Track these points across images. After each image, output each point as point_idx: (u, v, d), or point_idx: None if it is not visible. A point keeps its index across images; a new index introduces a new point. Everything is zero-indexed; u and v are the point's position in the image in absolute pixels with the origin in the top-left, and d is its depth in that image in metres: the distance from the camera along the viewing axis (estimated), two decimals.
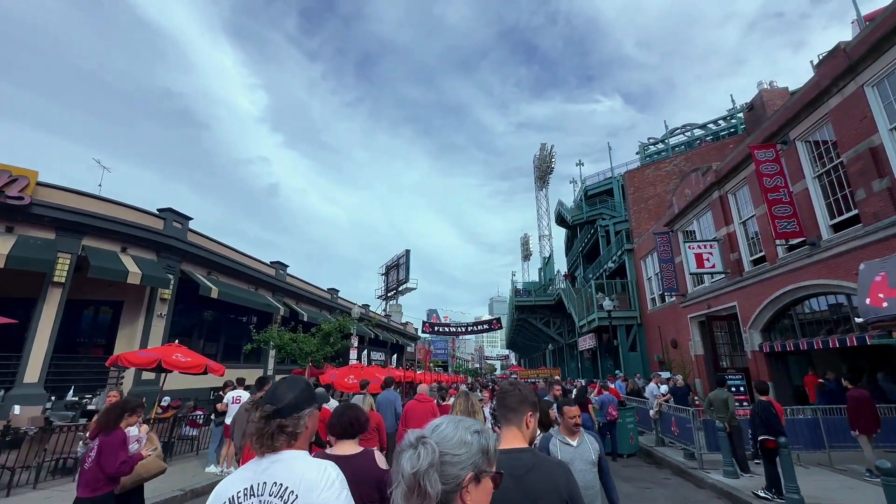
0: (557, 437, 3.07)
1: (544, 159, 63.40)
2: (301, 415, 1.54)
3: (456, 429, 1.11)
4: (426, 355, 42.52)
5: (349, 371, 11.13)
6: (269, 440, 1.47)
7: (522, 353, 76.29)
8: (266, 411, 1.50)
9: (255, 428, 1.49)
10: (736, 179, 14.29)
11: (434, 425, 1.13)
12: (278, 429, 1.48)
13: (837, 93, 9.94)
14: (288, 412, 1.51)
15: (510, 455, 1.66)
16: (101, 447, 3.44)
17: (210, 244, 15.00)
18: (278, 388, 1.59)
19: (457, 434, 1.10)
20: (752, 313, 13.49)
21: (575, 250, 41.11)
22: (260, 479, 1.42)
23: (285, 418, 1.50)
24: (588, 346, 30.21)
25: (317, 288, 23.34)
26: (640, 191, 25.45)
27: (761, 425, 6.22)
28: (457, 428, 1.12)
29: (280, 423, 1.49)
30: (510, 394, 1.90)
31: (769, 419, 6.12)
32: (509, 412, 1.85)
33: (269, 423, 1.48)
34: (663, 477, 8.28)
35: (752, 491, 6.47)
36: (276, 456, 1.47)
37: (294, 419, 1.52)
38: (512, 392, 1.91)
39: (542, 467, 1.66)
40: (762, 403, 6.30)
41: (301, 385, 1.62)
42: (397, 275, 47.75)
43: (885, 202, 8.84)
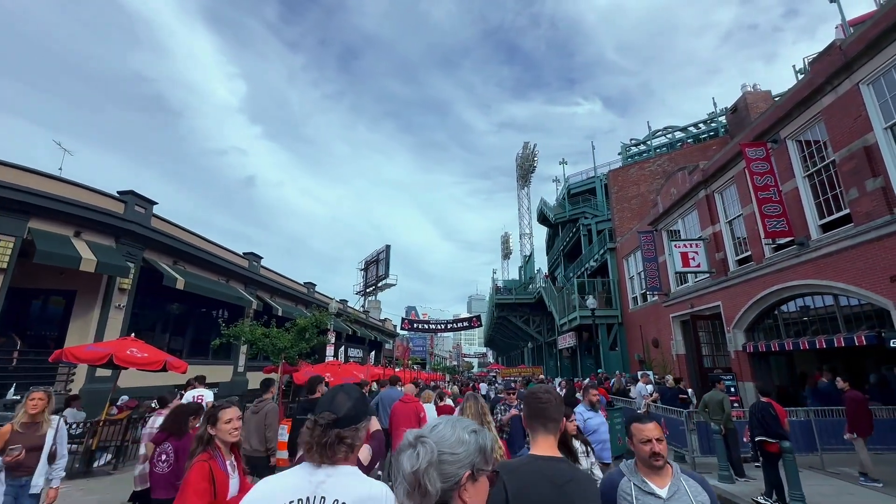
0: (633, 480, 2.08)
1: (527, 158, 63.43)
2: (360, 426, 1.50)
3: (454, 428, 1.13)
4: (404, 352, 41.87)
5: (325, 369, 10.45)
6: (329, 451, 1.40)
7: (500, 351, 76.46)
8: (326, 419, 1.44)
9: (312, 436, 1.42)
10: (723, 179, 14.20)
11: (432, 425, 1.15)
12: (338, 440, 1.42)
13: (831, 91, 9.83)
14: (347, 423, 1.46)
15: (550, 463, 1.65)
16: (178, 451, 3.61)
17: (177, 231, 14.00)
18: (336, 396, 1.53)
19: (455, 433, 1.11)
20: (736, 313, 13.43)
21: (556, 249, 41.14)
22: (316, 492, 1.35)
23: (344, 429, 1.45)
24: (568, 345, 30.19)
25: (293, 281, 22.40)
26: (623, 190, 25.44)
27: (759, 427, 5.92)
28: (454, 427, 1.13)
29: (339, 434, 1.43)
30: (550, 404, 1.82)
31: (767, 421, 5.82)
32: (550, 422, 1.78)
33: (328, 433, 1.42)
34: None
35: (753, 498, 6.17)
36: (334, 469, 1.40)
37: (353, 430, 1.47)
38: (551, 401, 1.83)
39: (580, 480, 1.64)
40: (761, 404, 6.00)
41: (357, 394, 1.57)
42: (377, 270, 46.86)
43: (878, 202, 8.73)
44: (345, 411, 1.47)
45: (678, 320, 17.43)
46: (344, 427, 1.45)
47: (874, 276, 8.86)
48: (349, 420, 1.47)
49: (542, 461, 1.65)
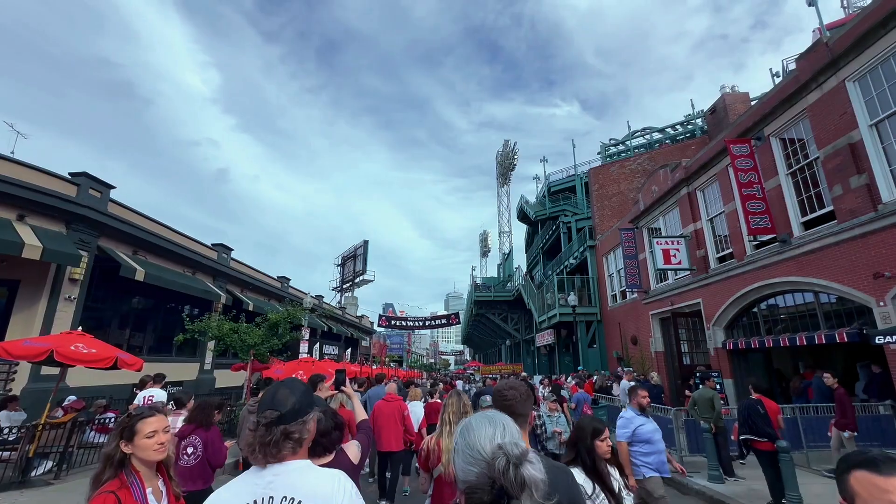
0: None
1: (507, 156, 63.50)
2: (306, 419, 1.45)
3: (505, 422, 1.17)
4: (381, 350, 41.14)
5: (298, 366, 9.81)
6: (273, 449, 1.35)
7: (477, 348, 76.49)
8: (268, 417, 1.38)
9: (255, 436, 1.37)
10: (706, 176, 14.20)
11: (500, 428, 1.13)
12: (283, 436, 1.37)
13: (817, 88, 9.81)
14: (292, 417, 1.41)
15: None
16: (207, 442, 3.65)
17: (137, 218, 12.99)
18: (278, 391, 1.48)
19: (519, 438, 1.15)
20: (716, 310, 13.45)
21: (535, 247, 41.18)
22: (265, 493, 1.31)
23: (290, 424, 1.39)
24: (546, 342, 30.17)
25: (265, 275, 21.44)
26: (604, 188, 25.49)
27: (745, 424, 5.69)
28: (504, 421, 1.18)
29: (285, 430, 1.38)
30: (516, 400, 1.83)
31: (754, 418, 5.59)
32: (518, 417, 1.74)
33: (272, 431, 1.36)
34: None
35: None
36: (281, 467, 1.36)
37: (299, 424, 1.42)
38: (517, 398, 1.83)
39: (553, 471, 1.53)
40: (750, 401, 5.79)
41: (301, 388, 1.54)
42: (354, 266, 45.90)
43: (862, 199, 8.73)
44: (289, 406, 1.42)
45: (657, 318, 17.46)
46: (289, 422, 1.39)
47: (857, 272, 8.87)
48: (294, 414, 1.41)
49: None
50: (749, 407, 5.66)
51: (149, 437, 1.89)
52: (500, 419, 1.19)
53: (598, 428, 2.61)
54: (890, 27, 8.19)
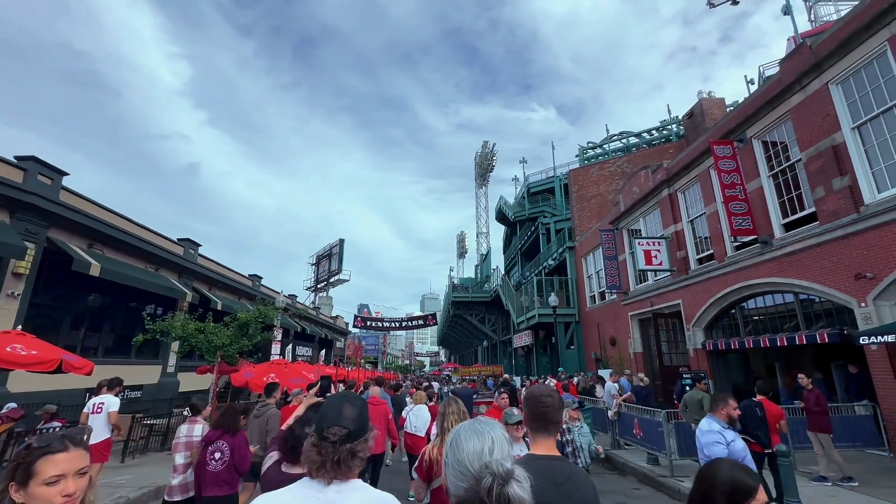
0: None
1: (485, 157, 63.53)
2: (367, 437, 1.44)
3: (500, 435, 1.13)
4: (357, 351, 40.23)
5: (270, 368, 9.16)
6: (343, 466, 1.32)
7: (453, 350, 76.21)
8: (337, 434, 1.35)
9: (322, 453, 1.32)
10: (687, 178, 14.28)
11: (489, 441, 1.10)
12: (350, 454, 1.35)
13: (800, 90, 9.89)
14: (359, 435, 1.40)
15: (550, 462, 1.67)
16: (234, 448, 3.67)
17: (93, 209, 11.98)
18: (343, 407, 1.43)
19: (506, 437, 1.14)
20: (696, 311, 13.51)
21: (513, 248, 41.21)
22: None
23: (356, 443, 1.38)
24: (523, 343, 30.09)
25: (236, 273, 20.42)
26: (583, 189, 25.59)
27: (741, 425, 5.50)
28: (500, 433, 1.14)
29: (352, 448, 1.36)
30: (553, 407, 1.80)
31: (747, 420, 5.41)
32: (551, 425, 1.79)
33: (340, 449, 1.33)
34: (632, 487, 7.47)
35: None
36: (345, 485, 1.33)
37: (363, 443, 1.41)
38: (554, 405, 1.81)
39: (578, 477, 1.66)
40: (749, 402, 5.60)
41: (361, 404, 1.49)
42: (329, 265, 44.81)
43: (844, 200, 8.80)
44: (355, 424, 1.40)
45: (636, 319, 17.53)
46: (355, 440, 1.38)
47: (838, 274, 8.95)
48: (361, 431, 1.41)
49: (541, 460, 1.67)
50: (747, 407, 5.48)
51: (50, 483, 1.27)
52: (488, 431, 1.15)
53: (745, 484, 1.49)
54: (873, 31, 8.29)
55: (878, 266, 8.15)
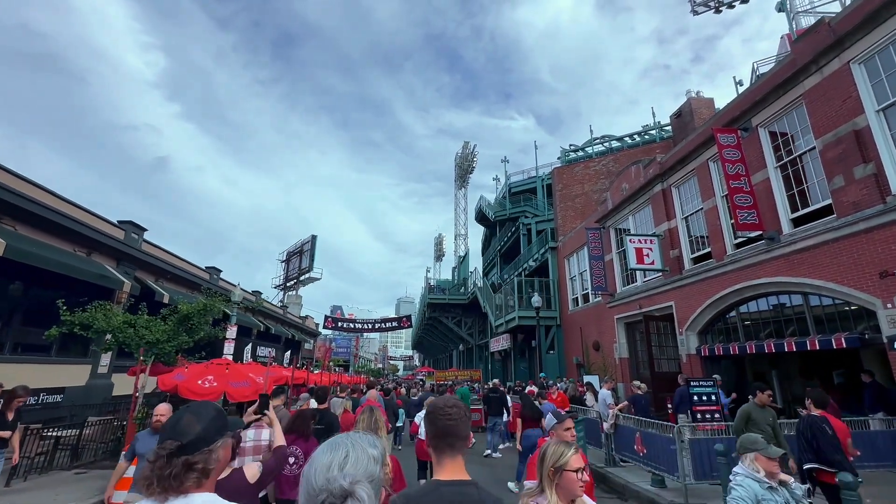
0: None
1: (466, 158, 62.51)
2: (213, 448, 1.36)
3: (363, 449, 1.06)
4: (326, 353, 38.23)
5: (207, 370, 7.56)
6: (174, 482, 1.25)
7: (428, 353, 74.62)
8: (168, 448, 1.29)
9: (153, 468, 1.26)
10: (683, 172, 13.40)
11: (342, 454, 1.03)
12: (185, 468, 1.27)
13: (816, 71, 9.05)
14: (195, 447, 1.31)
15: (457, 488, 1.45)
16: (308, 452, 3.79)
17: (4, 177, 10.06)
18: (181, 419, 1.39)
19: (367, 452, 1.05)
20: (690, 314, 12.58)
21: (493, 249, 40.17)
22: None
23: (193, 454, 1.30)
24: (501, 348, 28.94)
25: (189, 264, 18.42)
26: (567, 188, 24.72)
27: (809, 449, 4.37)
28: (363, 447, 1.06)
29: (187, 461, 1.28)
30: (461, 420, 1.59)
31: (820, 442, 4.28)
32: (458, 441, 1.56)
33: (172, 463, 1.27)
34: None
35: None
36: (185, 500, 1.25)
37: (204, 454, 1.33)
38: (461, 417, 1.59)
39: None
40: (813, 420, 4.46)
41: (211, 413, 1.44)
42: (300, 262, 42.66)
43: (868, 190, 7.94)
44: (193, 435, 1.33)
45: (623, 322, 16.57)
46: (192, 452, 1.30)
47: (859, 271, 8.06)
48: (198, 443, 1.33)
49: (446, 487, 1.46)
50: (813, 426, 4.35)
51: None
52: (345, 444, 1.07)
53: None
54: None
55: None
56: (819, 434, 4.30)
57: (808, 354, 11.23)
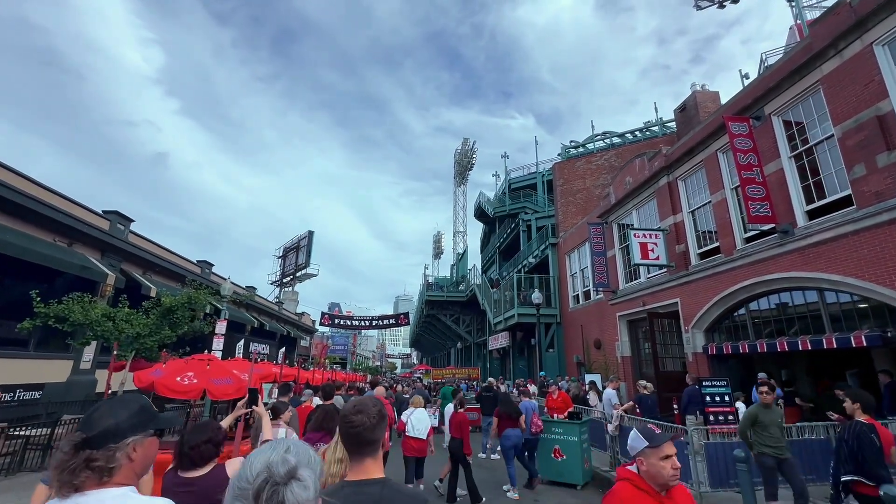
0: None
1: (465, 154, 62.00)
2: (119, 445, 1.26)
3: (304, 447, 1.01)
4: (322, 350, 37.75)
5: (187, 366, 7.07)
6: (68, 475, 1.18)
7: (425, 351, 74.26)
8: (74, 439, 1.23)
9: (57, 459, 1.22)
10: (690, 163, 12.92)
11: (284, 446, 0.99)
12: (84, 463, 1.20)
13: (835, 55, 8.56)
14: (101, 442, 1.23)
15: (357, 488, 1.47)
16: None
17: None
18: (97, 410, 1.33)
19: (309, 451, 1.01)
20: (697, 311, 12.12)
21: (492, 246, 39.72)
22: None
23: (97, 450, 1.22)
24: (500, 346, 28.50)
25: (178, 256, 17.90)
26: (568, 183, 24.24)
27: (850, 460, 3.89)
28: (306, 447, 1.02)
29: (88, 457, 1.20)
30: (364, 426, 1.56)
31: (866, 452, 3.81)
32: (366, 446, 1.55)
33: (76, 455, 1.20)
34: None
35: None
36: (81, 498, 1.18)
37: (108, 451, 1.24)
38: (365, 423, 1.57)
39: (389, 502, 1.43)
40: (859, 427, 3.98)
41: (133, 407, 1.35)
42: (296, 258, 42.09)
43: (893, 178, 7.46)
44: (101, 428, 1.25)
45: (625, 320, 16.12)
46: (97, 447, 1.22)
47: (881, 265, 7.59)
48: (105, 438, 1.25)
49: (350, 487, 1.47)
50: (862, 436, 3.86)
51: None
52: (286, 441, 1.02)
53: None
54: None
55: None
56: (867, 445, 3.82)
57: (818, 354, 10.80)
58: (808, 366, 12.17)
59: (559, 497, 7.06)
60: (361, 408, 1.62)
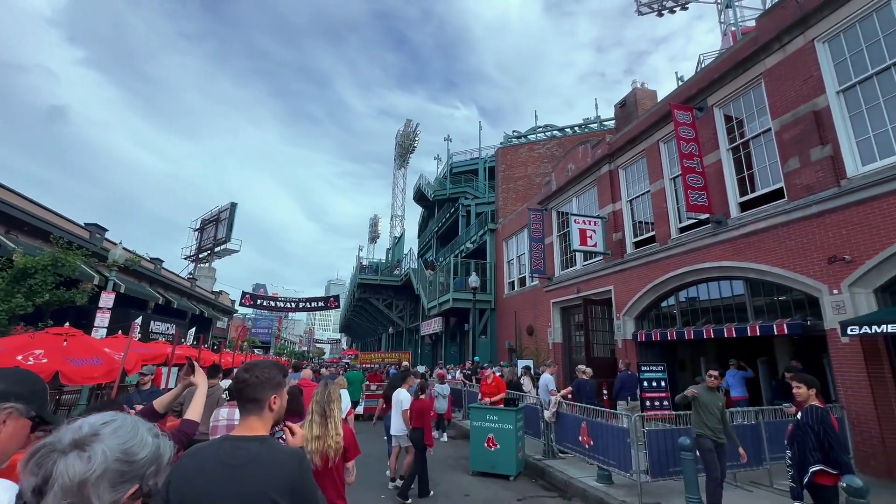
0: None
1: (407, 136, 60.44)
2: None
3: (135, 427, 0.95)
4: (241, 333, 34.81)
5: (30, 343, 5.41)
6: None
7: (356, 337, 72.33)
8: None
9: None
10: (632, 152, 12.96)
11: (108, 418, 0.93)
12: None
13: (779, 49, 8.70)
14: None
15: (235, 443, 1.50)
16: None
17: None
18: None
19: (138, 433, 0.93)
20: (629, 298, 12.26)
21: (430, 230, 38.98)
22: None
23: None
24: (432, 331, 28.02)
25: (58, 216, 14.92)
26: (510, 169, 24.04)
27: (817, 448, 3.55)
28: (136, 426, 0.95)
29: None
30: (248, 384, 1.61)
31: (831, 437, 3.50)
32: (248, 403, 1.60)
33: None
34: None
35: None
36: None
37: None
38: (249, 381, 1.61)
39: (265, 458, 1.44)
40: (821, 412, 3.66)
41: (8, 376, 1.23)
42: (216, 232, 38.27)
43: (824, 172, 7.67)
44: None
45: (559, 307, 16.17)
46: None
47: (807, 256, 7.84)
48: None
49: (227, 441, 1.52)
50: (825, 420, 3.53)
51: None
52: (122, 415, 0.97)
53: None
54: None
55: (859, 248, 7.07)
56: (830, 430, 3.52)
57: (728, 344, 11.36)
58: (718, 355, 12.83)
59: (491, 490, 6.48)
60: (250, 367, 1.66)
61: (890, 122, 7.04)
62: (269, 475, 1.38)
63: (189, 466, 1.39)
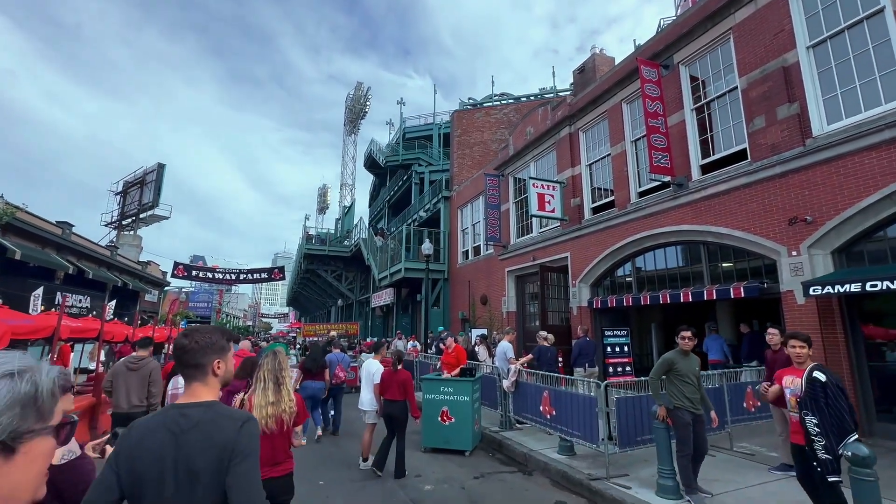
0: None
1: (358, 100, 57.33)
2: None
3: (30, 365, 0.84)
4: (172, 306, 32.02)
5: None
6: None
7: (304, 310, 69.97)
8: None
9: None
10: (594, 114, 12.44)
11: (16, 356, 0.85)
12: None
13: (751, 2, 8.28)
14: None
15: (180, 410, 1.51)
16: None
17: None
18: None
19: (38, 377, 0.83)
20: (586, 265, 11.99)
21: (381, 200, 37.49)
22: None
23: None
24: (383, 302, 27.14)
25: None
26: (466, 134, 23.07)
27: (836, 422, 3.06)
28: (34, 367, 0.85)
29: None
30: (187, 349, 1.59)
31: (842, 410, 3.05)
32: (189, 369, 1.59)
33: None
34: (555, 500, 4.82)
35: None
36: None
37: None
38: (187, 346, 1.60)
39: (208, 424, 1.45)
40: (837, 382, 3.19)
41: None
42: (140, 196, 34.46)
43: (790, 131, 7.44)
44: None
45: (514, 275, 15.79)
46: None
47: (767, 218, 7.69)
48: None
49: (173, 409, 1.52)
50: (841, 389, 3.06)
51: None
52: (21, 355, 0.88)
53: None
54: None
55: (821, 209, 6.94)
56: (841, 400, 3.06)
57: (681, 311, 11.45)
58: (672, 321, 13.02)
59: (445, 468, 5.87)
60: (189, 332, 1.67)
61: (858, 79, 6.83)
62: (209, 439, 1.41)
63: (136, 437, 1.41)
